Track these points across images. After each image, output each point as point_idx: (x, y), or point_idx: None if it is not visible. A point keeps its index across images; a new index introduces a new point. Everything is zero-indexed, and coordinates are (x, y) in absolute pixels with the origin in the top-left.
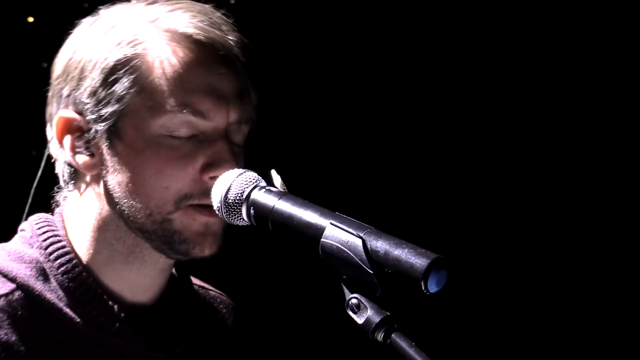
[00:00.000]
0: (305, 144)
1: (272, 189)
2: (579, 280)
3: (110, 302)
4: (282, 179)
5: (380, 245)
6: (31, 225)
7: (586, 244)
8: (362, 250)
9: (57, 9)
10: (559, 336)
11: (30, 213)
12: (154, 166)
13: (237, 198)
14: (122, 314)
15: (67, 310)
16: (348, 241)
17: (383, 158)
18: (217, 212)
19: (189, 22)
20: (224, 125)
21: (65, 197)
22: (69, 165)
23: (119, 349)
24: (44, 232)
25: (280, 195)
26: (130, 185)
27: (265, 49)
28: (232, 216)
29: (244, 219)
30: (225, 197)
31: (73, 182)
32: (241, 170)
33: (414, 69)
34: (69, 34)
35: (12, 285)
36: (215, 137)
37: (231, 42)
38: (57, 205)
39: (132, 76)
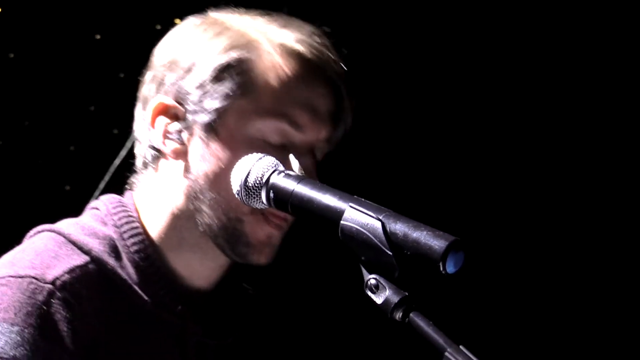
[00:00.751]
0: None
1: (291, 173)
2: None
3: (175, 285)
4: None
5: (399, 227)
6: (105, 204)
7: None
8: (382, 232)
9: None
10: (576, 316)
11: (104, 191)
12: None
13: (257, 182)
14: (185, 298)
15: (136, 288)
16: (367, 223)
17: (399, 143)
18: (236, 195)
19: (301, 39)
20: (313, 141)
21: (140, 179)
22: (154, 148)
23: (178, 330)
24: (118, 212)
25: (299, 179)
26: (217, 178)
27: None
28: (251, 199)
29: (263, 202)
30: (245, 180)
31: (153, 165)
32: (260, 155)
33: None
34: (174, 26)
35: (87, 258)
36: (303, 151)
37: (336, 66)
38: (130, 187)
39: (242, 78)
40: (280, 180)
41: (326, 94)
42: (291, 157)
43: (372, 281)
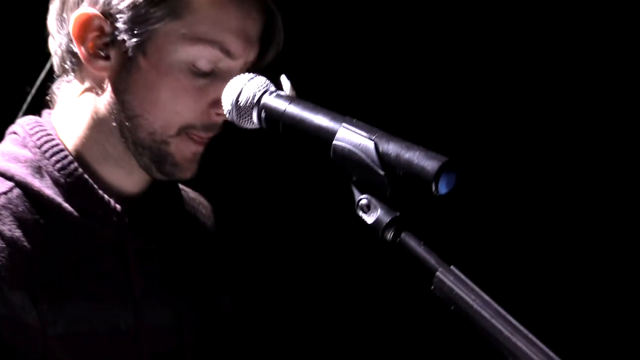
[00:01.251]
0: (311, 49)
1: (282, 93)
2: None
3: (105, 196)
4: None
5: (391, 147)
6: (22, 127)
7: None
8: (374, 152)
9: None
10: (565, 239)
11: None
12: (170, 89)
13: (249, 102)
14: (118, 207)
15: (66, 205)
16: (360, 143)
17: (388, 61)
18: (226, 115)
19: None
20: (241, 66)
21: (59, 93)
22: (73, 55)
23: (116, 241)
24: (37, 132)
25: (291, 99)
26: (143, 101)
27: None
28: (242, 119)
29: (254, 122)
30: (237, 100)
31: (72, 74)
32: (251, 75)
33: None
34: None
35: (10, 184)
36: (231, 75)
37: None
38: (50, 106)
39: (175, 2)
40: (272, 100)
41: (259, 19)
42: (283, 77)
43: (364, 201)
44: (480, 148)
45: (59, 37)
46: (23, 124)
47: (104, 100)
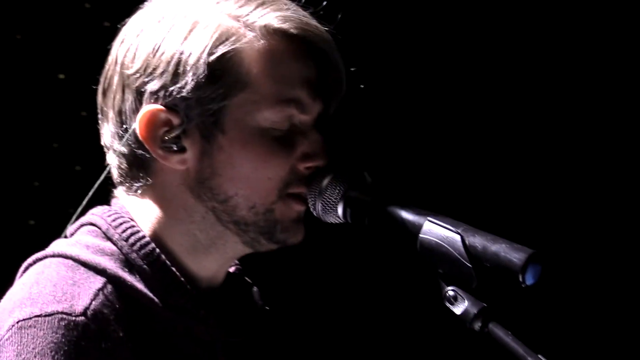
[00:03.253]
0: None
1: (367, 188)
2: None
3: (192, 290)
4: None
5: (477, 240)
6: (103, 218)
7: None
8: (461, 245)
9: None
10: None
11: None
12: (258, 158)
13: (334, 197)
14: (204, 301)
15: (157, 300)
16: (447, 237)
17: (468, 159)
18: (311, 209)
19: (282, 15)
20: (315, 117)
21: (128, 191)
22: (143, 158)
23: (204, 335)
24: (121, 224)
25: (375, 194)
26: (233, 179)
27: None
28: (327, 214)
29: (339, 217)
30: (322, 196)
31: (148, 178)
32: (335, 172)
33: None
34: (124, 24)
35: (103, 279)
36: (308, 128)
37: (324, 35)
38: (113, 200)
39: (237, 71)
40: (358, 195)
41: (320, 66)
42: (365, 174)
43: (451, 292)
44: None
45: (120, 147)
46: (102, 215)
47: (190, 192)
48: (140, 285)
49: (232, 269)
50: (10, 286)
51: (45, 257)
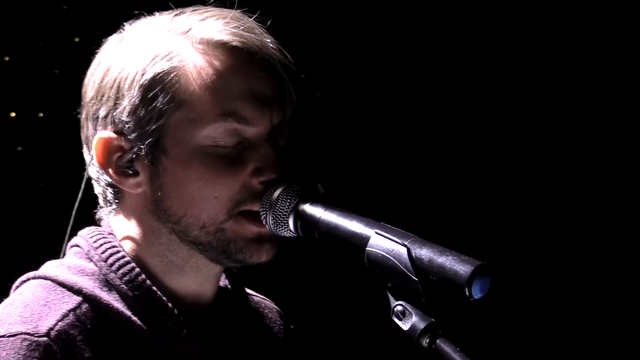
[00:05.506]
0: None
1: (317, 200)
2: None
3: (174, 309)
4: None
5: (424, 253)
6: (86, 240)
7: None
8: (407, 258)
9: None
10: (606, 343)
11: (71, 234)
12: (202, 177)
13: (284, 211)
14: (187, 320)
15: (135, 318)
16: (393, 249)
17: (421, 167)
18: (264, 222)
19: (223, 28)
20: (267, 130)
21: (108, 214)
22: (112, 185)
23: (187, 355)
24: (102, 245)
25: (326, 206)
26: (180, 200)
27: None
28: (279, 227)
29: (290, 230)
30: (273, 209)
31: (117, 201)
32: (286, 184)
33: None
34: (96, 53)
35: (79, 299)
36: (260, 142)
37: (267, 45)
38: (99, 225)
39: (172, 90)
40: (307, 208)
41: (264, 77)
42: (318, 185)
43: (399, 307)
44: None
45: (95, 174)
46: (86, 237)
47: (151, 214)
48: (118, 305)
49: (223, 284)
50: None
51: (29, 278)
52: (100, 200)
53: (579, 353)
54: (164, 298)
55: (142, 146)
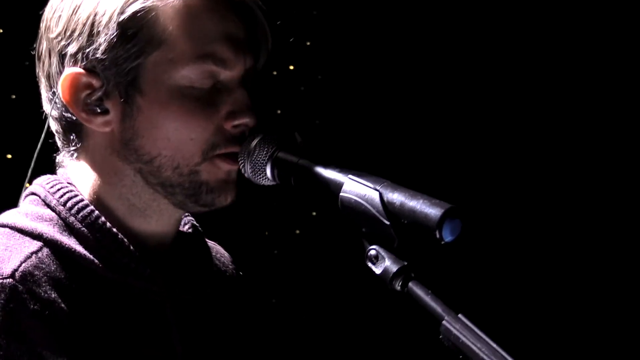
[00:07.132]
0: (320, 105)
1: (294, 149)
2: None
3: (136, 250)
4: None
5: (396, 197)
6: (42, 186)
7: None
8: (379, 202)
9: None
10: (570, 286)
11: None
12: (179, 118)
13: (262, 158)
14: (149, 260)
15: (97, 261)
16: (365, 194)
17: (396, 115)
18: (242, 171)
19: None
20: (241, 73)
21: (68, 156)
22: (74, 123)
23: (150, 294)
24: (59, 189)
25: (302, 154)
26: (154, 139)
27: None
28: (257, 175)
29: (268, 178)
30: (251, 157)
31: (79, 141)
32: (263, 133)
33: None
34: None
35: (39, 243)
36: (234, 85)
37: None
38: (60, 166)
39: (151, 29)
40: (284, 156)
41: (240, 20)
42: (295, 134)
43: (372, 252)
44: (486, 195)
45: (56, 112)
46: (42, 183)
47: (117, 155)
48: (79, 248)
49: (185, 228)
50: None
51: None
52: (59, 142)
53: (549, 295)
54: (126, 240)
55: (117, 84)
